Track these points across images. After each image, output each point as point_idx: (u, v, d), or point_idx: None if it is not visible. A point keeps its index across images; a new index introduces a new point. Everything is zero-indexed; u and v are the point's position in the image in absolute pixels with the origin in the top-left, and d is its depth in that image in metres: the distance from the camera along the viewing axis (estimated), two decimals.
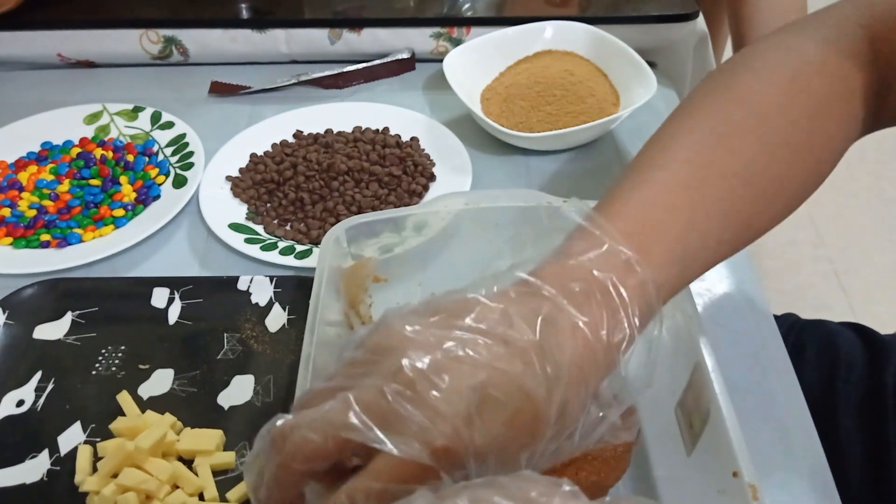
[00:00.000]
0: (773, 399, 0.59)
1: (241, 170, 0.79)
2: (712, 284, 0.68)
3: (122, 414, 0.58)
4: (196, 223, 0.74)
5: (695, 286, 0.51)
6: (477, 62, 0.86)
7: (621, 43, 0.84)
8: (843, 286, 1.88)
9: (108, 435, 0.56)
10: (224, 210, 0.74)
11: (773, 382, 0.60)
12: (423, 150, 0.80)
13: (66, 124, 0.84)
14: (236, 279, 0.67)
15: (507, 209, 0.60)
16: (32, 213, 0.75)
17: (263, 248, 0.69)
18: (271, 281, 0.66)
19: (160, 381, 0.60)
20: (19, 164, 0.80)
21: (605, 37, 0.86)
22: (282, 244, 0.70)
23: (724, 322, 0.63)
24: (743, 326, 0.64)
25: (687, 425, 0.48)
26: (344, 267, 0.59)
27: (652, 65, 0.86)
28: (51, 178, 0.79)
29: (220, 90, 0.91)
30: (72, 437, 0.57)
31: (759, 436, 0.56)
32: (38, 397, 0.60)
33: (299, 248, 0.70)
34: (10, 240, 0.72)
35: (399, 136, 0.81)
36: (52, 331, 0.64)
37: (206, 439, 0.55)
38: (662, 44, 0.93)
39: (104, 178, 0.78)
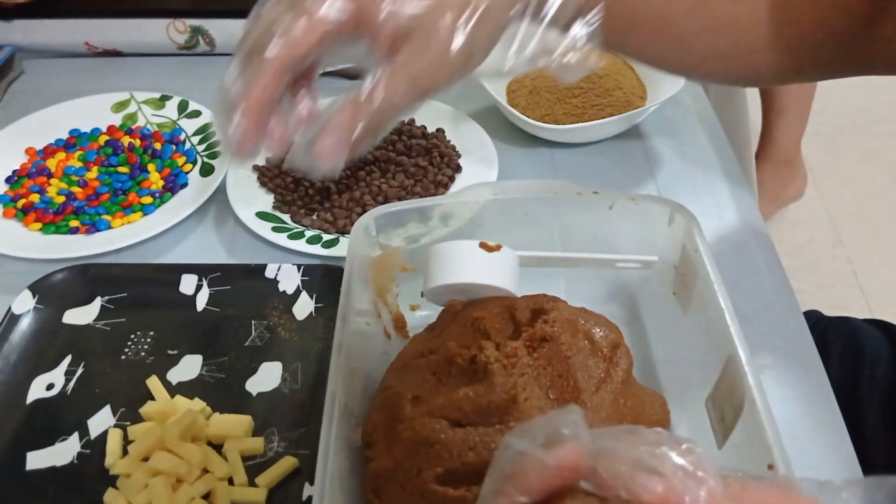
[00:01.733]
0: (802, 392, 0.59)
1: (267, 159, 0.79)
2: (740, 278, 0.67)
3: (151, 398, 0.58)
4: (223, 211, 0.75)
5: (725, 283, 0.51)
6: (504, 54, 0.86)
7: None
8: (860, 285, 1.87)
9: (138, 419, 0.57)
10: (251, 199, 0.75)
11: (802, 376, 0.60)
12: (449, 141, 0.80)
13: (93, 112, 0.85)
14: (264, 267, 0.67)
15: (534, 200, 0.60)
16: (61, 199, 0.75)
17: (291, 237, 0.70)
18: (299, 269, 0.67)
19: (189, 367, 0.61)
20: (48, 151, 0.81)
21: None
22: (309, 233, 0.71)
23: (752, 316, 0.63)
24: (771, 320, 0.64)
25: (718, 418, 0.48)
26: (373, 256, 0.60)
27: None
28: (79, 164, 0.80)
29: None
30: (102, 421, 0.58)
31: (789, 429, 0.56)
32: (67, 381, 0.60)
33: (326, 237, 0.70)
34: (39, 225, 0.73)
35: (425, 127, 0.81)
36: (82, 316, 0.65)
37: (236, 425, 0.55)
38: None
39: (132, 166, 0.78)
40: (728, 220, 0.74)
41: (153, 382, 0.59)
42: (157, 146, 0.80)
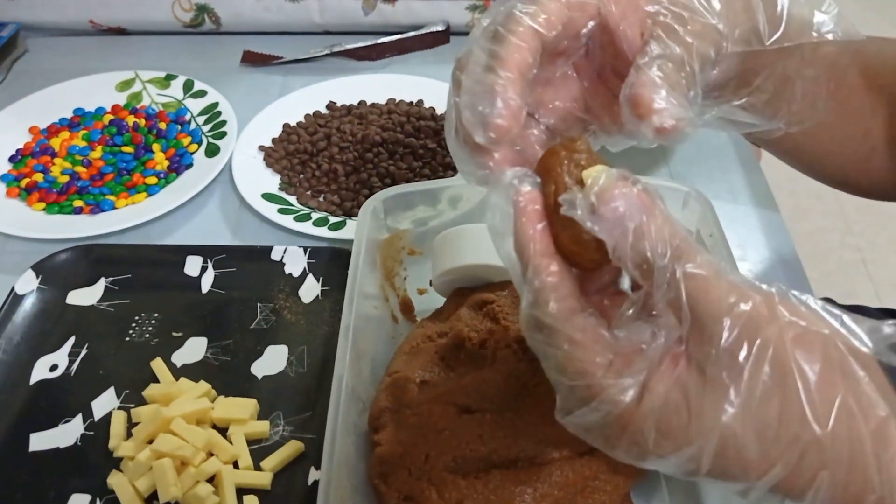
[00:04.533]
0: None
1: (273, 140, 0.78)
2: (755, 265, 0.66)
3: (156, 381, 0.58)
4: (228, 192, 0.74)
5: (739, 267, 0.50)
6: None
7: None
8: (870, 275, 1.85)
9: (142, 401, 0.56)
10: (257, 180, 0.74)
11: None
12: None
13: (98, 91, 0.84)
14: (270, 249, 0.66)
15: None
16: (65, 178, 0.74)
17: (297, 219, 0.69)
18: (305, 252, 0.66)
19: (193, 349, 0.60)
20: (51, 130, 0.80)
21: None
22: (315, 215, 0.70)
23: None
24: None
25: None
26: (380, 239, 0.59)
27: None
28: (83, 144, 0.79)
29: (253, 60, 0.90)
30: (105, 403, 0.57)
31: None
32: (71, 362, 0.59)
33: (333, 219, 0.69)
34: (42, 205, 0.72)
35: (434, 109, 0.80)
36: (86, 296, 0.64)
37: (241, 408, 0.55)
38: None
39: (137, 146, 0.77)
40: (742, 205, 0.73)
41: (157, 364, 0.58)
42: (162, 126, 0.79)
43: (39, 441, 0.55)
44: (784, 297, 0.29)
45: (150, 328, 0.62)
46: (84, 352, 0.60)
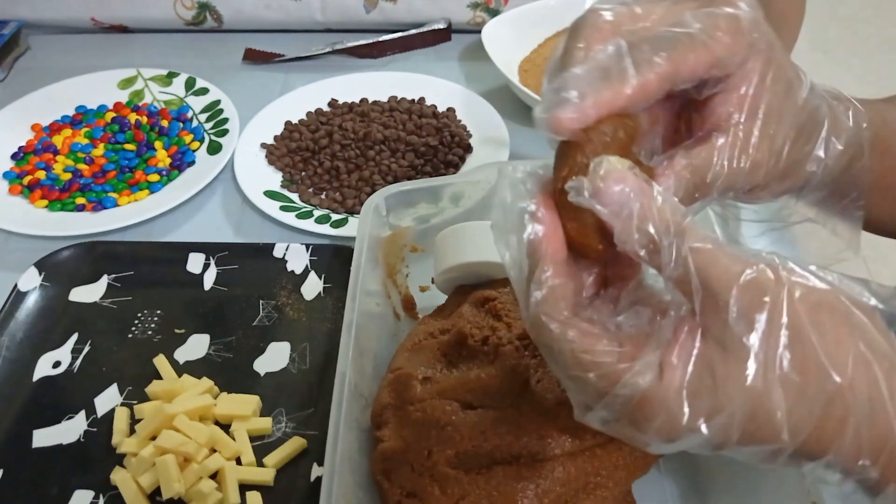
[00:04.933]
0: None
1: (275, 137, 0.78)
2: None
3: (158, 377, 0.58)
4: (231, 190, 0.74)
5: None
6: (516, 33, 0.85)
7: None
8: (870, 273, 1.86)
9: (145, 398, 0.56)
10: (259, 177, 0.74)
11: None
12: (460, 120, 0.79)
13: (100, 88, 0.84)
14: (272, 246, 0.66)
15: None
16: (67, 176, 0.75)
17: (299, 216, 0.69)
18: (307, 249, 0.66)
19: (196, 346, 0.60)
20: (54, 128, 0.80)
21: None
22: (317, 212, 0.70)
23: None
24: None
25: None
26: (382, 236, 0.59)
27: None
28: (85, 141, 0.79)
29: (254, 58, 0.90)
30: (108, 399, 0.57)
31: None
32: (74, 359, 0.60)
33: (335, 216, 0.69)
34: (45, 202, 0.72)
35: (435, 107, 0.80)
36: (88, 293, 0.64)
37: (244, 404, 0.55)
38: None
39: (139, 143, 0.78)
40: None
41: (160, 361, 0.58)
42: (164, 123, 0.79)
43: (43, 437, 0.55)
44: (783, 261, 0.30)
45: (153, 325, 0.62)
46: (87, 348, 0.60)
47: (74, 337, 0.61)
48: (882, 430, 0.29)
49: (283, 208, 0.70)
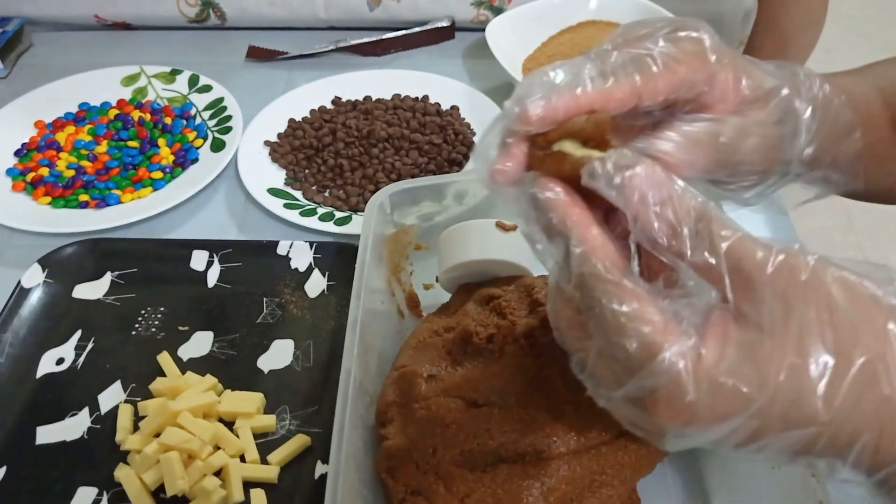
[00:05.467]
0: None
1: (279, 135, 0.78)
2: None
3: (162, 374, 0.58)
4: (234, 187, 0.74)
5: None
6: (519, 31, 0.85)
7: (668, 14, 0.82)
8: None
9: (148, 395, 0.56)
10: (262, 175, 0.74)
11: None
12: (464, 118, 0.79)
13: (103, 85, 0.84)
14: (276, 244, 0.66)
15: None
16: (71, 173, 0.74)
17: (303, 214, 0.69)
18: (311, 246, 0.66)
19: (200, 343, 0.60)
20: (57, 125, 0.80)
21: (652, 8, 0.84)
22: (321, 210, 0.70)
23: None
24: None
25: None
26: (387, 234, 0.59)
27: None
28: (89, 138, 0.79)
29: (258, 55, 0.90)
30: (112, 396, 0.57)
31: None
32: (77, 356, 0.60)
33: (339, 214, 0.69)
34: (48, 199, 0.72)
35: (439, 105, 0.80)
36: (92, 290, 0.64)
37: (248, 402, 0.55)
38: (710, 16, 0.90)
39: (142, 140, 0.77)
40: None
41: (164, 358, 0.58)
42: (168, 121, 0.79)
43: (46, 434, 0.55)
44: (802, 247, 0.30)
45: (157, 322, 0.62)
46: (90, 345, 0.60)
47: (78, 334, 0.61)
48: None
49: (286, 206, 0.70)
